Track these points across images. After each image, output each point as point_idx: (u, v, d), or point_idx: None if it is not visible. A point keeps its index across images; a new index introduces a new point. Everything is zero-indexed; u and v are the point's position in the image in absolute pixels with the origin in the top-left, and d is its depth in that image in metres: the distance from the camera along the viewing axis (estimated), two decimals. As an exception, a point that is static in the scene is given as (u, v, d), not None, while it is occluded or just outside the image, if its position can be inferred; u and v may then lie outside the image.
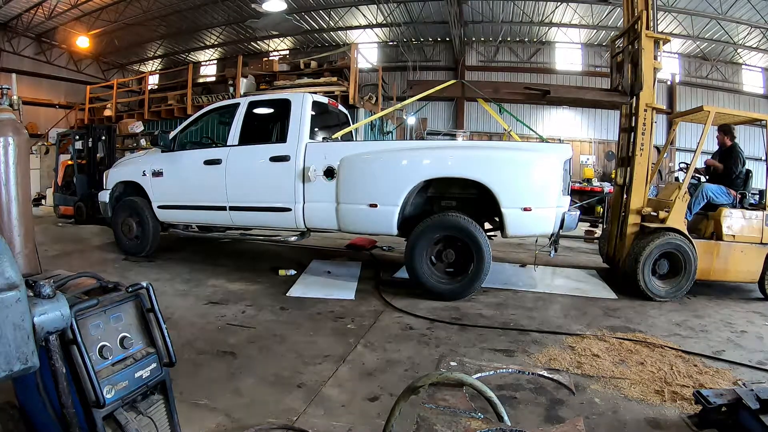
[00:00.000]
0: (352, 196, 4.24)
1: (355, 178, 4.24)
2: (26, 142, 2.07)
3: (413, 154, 4.23)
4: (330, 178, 4.28)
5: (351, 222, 4.31)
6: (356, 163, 4.24)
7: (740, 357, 3.10)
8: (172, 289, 4.26)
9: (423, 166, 4.12)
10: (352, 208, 4.24)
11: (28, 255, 2.01)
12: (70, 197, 8.91)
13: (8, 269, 0.91)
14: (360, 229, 4.42)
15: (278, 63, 11.52)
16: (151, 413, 1.36)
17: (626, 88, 4.94)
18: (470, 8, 14.95)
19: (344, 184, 4.24)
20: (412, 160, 4.18)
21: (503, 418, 1.50)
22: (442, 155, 4.20)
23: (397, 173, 4.15)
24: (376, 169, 4.21)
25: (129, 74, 20.31)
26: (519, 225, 3.98)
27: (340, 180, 4.25)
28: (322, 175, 4.30)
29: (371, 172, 4.22)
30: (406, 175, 4.12)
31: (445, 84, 5.43)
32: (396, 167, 4.17)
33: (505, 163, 4.05)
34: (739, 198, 4.74)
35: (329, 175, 4.28)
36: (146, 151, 5.85)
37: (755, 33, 14.09)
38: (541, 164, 4.01)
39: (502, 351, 3.08)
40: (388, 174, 4.17)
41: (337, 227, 4.38)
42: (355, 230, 4.46)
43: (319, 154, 4.37)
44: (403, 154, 4.24)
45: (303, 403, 2.31)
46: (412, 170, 4.13)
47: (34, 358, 0.95)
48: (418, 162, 4.15)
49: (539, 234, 4.20)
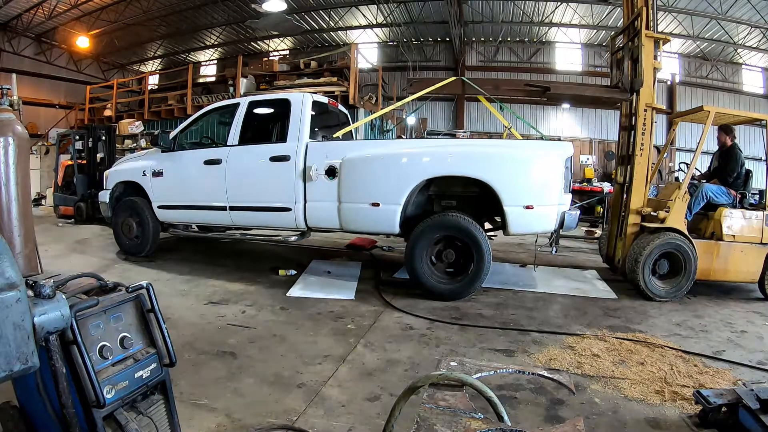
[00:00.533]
0: (354, 195, 4.23)
1: (357, 177, 4.23)
2: (26, 142, 2.08)
3: (415, 152, 4.23)
4: (332, 178, 4.28)
5: (353, 221, 4.31)
6: (358, 163, 4.24)
7: (740, 357, 3.10)
8: (172, 289, 4.26)
9: (425, 164, 4.12)
10: (354, 207, 4.24)
11: (28, 255, 2.02)
12: (70, 197, 8.90)
13: (8, 269, 0.91)
14: (362, 228, 4.42)
15: (278, 63, 11.54)
16: (151, 413, 1.36)
17: (626, 85, 4.94)
18: (470, 8, 14.96)
19: (346, 184, 4.24)
20: (414, 158, 4.18)
21: (503, 418, 1.51)
22: (444, 154, 4.19)
23: (399, 172, 4.15)
24: (378, 168, 4.20)
25: (129, 74, 20.30)
26: (521, 223, 3.98)
27: (342, 179, 4.25)
28: (324, 175, 4.30)
29: (373, 171, 4.21)
30: (408, 174, 4.11)
31: (445, 81, 5.42)
32: (398, 166, 4.17)
33: (507, 161, 4.04)
34: (739, 198, 4.74)
35: (331, 174, 4.28)
36: (146, 151, 5.84)
37: (755, 33, 14.08)
38: (542, 162, 4.00)
39: (502, 351, 3.08)
40: (390, 173, 4.17)
41: (339, 226, 4.38)
42: (358, 229, 4.46)
43: (321, 154, 4.37)
44: (405, 153, 4.24)
45: (303, 403, 2.31)
46: (414, 169, 4.12)
47: (34, 358, 0.95)
48: (420, 161, 4.15)
49: (541, 232, 4.20)
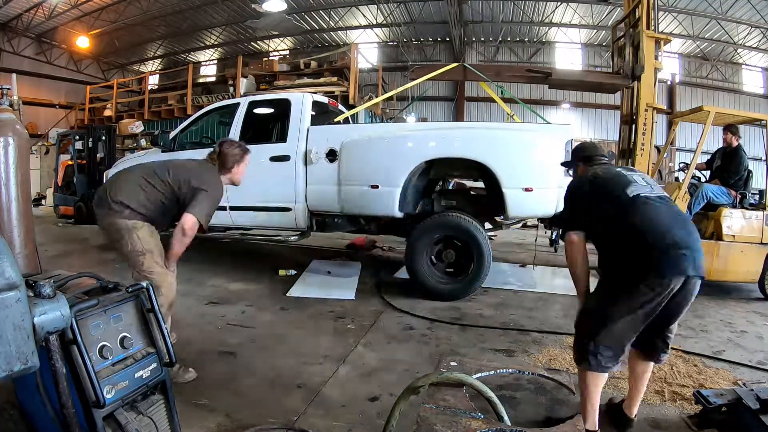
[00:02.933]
0: (353, 177, 4.20)
1: (357, 160, 4.20)
2: (26, 142, 2.08)
3: (414, 135, 4.21)
4: (332, 161, 4.26)
5: (353, 203, 4.28)
6: (357, 145, 4.22)
7: (740, 357, 3.10)
8: (172, 289, 4.25)
9: (424, 147, 4.09)
10: (354, 189, 4.21)
11: (28, 255, 2.01)
12: (70, 197, 8.91)
13: (8, 269, 0.91)
14: (362, 210, 4.38)
15: (278, 63, 11.54)
16: (151, 413, 1.36)
17: (627, 72, 4.94)
18: (470, 8, 14.94)
19: (346, 166, 4.22)
20: (414, 140, 4.17)
21: (503, 418, 1.51)
22: (444, 136, 4.18)
23: (398, 154, 4.12)
24: (377, 151, 4.18)
25: (129, 74, 20.29)
26: (520, 205, 3.93)
27: (341, 162, 4.23)
28: (324, 158, 4.28)
29: (372, 153, 4.18)
30: (406, 156, 4.08)
31: (446, 67, 5.39)
32: (397, 148, 4.16)
33: (507, 143, 4.01)
34: (739, 198, 4.73)
35: (331, 157, 4.26)
36: (146, 151, 5.84)
37: (755, 33, 14.07)
38: (542, 144, 3.96)
39: (502, 351, 3.08)
40: (389, 155, 4.14)
41: (340, 209, 4.36)
42: (357, 211, 4.42)
43: (322, 137, 4.35)
44: (404, 136, 4.22)
45: (303, 403, 2.31)
46: (413, 151, 4.09)
47: (34, 358, 0.95)
48: (419, 143, 4.13)
49: (541, 215, 4.14)
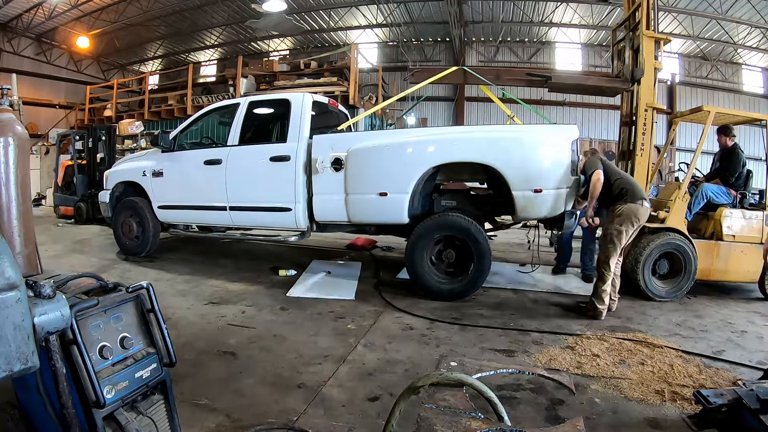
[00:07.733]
0: (361, 186, 4.19)
1: (364, 168, 4.19)
2: (26, 142, 2.07)
3: (421, 141, 4.21)
4: (338, 170, 4.25)
5: (361, 212, 4.26)
6: (364, 153, 4.20)
7: (740, 357, 3.10)
8: (172, 289, 4.26)
9: (431, 152, 4.09)
10: (362, 198, 4.20)
11: (28, 255, 2.01)
12: (70, 197, 8.91)
13: (8, 269, 0.91)
14: (370, 219, 4.36)
15: (278, 63, 11.55)
16: (151, 413, 1.36)
17: (627, 75, 4.95)
18: (470, 8, 14.95)
19: (352, 175, 4.20)
20: (421, 147, 4.16)
21: (503, 418, 1.51)
22: (451, 140, 4.18)
23: (406, 161, 4.12)
24: (385, 158, 4.17)
25: (129, 74, 20.29)
26: (530, 207, 3.93)
27: (348, 171, 4.21)
28: (330, 167, 4.25)
29: (380, 160, 4.17)
30: (415, 162, 4.08)
31: (447, 71, 5.40)
32: (404, 155, 4.15)
33: (513, 145, 3.99)
34: (739, 198, 4.73)
35: (337, 166, 4.24)
36: (146, 152, 5.84)
37: (755, 33, 14.08)
38: (549, 145, 3.95)
39: (502, 351, 3.08)
40: (397, 162, 4.13)
41: (348, 219, 4.33)
42: (366, 220, 4.40)
43: (326, 146, 4.33)
44: (411, 142, 4.21)
45: (303, 403, 2.31)
46: (420, 157, 4.09)
47: (34, 358, 0.95)
48: (426, 148, 4.12)
49: (549, 215, 4.13)
